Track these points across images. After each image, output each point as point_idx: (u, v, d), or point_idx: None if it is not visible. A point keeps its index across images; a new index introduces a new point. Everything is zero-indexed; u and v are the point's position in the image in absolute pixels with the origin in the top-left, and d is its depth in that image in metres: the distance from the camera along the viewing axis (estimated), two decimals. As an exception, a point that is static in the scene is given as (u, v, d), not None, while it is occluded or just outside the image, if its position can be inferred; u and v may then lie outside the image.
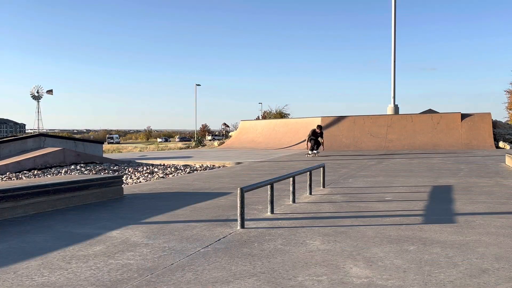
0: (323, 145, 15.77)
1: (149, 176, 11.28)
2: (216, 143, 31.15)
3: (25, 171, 12.82)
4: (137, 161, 15.57)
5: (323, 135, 15.92)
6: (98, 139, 64.11)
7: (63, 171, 12.67)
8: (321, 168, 7.07)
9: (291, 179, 5.64)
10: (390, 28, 23.69)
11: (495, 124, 20.73)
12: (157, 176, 11.36)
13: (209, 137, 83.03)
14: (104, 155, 19.01)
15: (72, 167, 13.43)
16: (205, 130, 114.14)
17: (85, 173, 12.27)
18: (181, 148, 31.53)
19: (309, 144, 15.47)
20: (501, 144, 18.77)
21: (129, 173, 12.07)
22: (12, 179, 11.67)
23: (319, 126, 15.99)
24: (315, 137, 15.69)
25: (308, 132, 16.21)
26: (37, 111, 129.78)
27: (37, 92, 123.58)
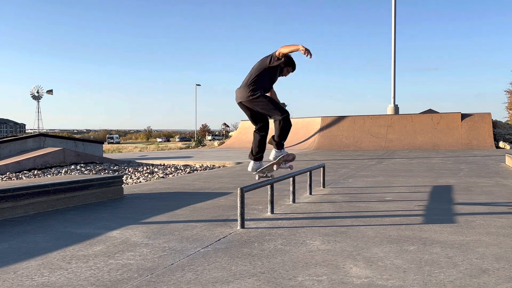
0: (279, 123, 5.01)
1: (149, 176, 11.28)
2: (216, 143, 31.16)
3: (25, 171, 12.82)
4: (137, 161, 15.56)
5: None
6: (98, 139, 64.14)
7: (63, 171, 12.67)
8: (321, 168, 7.07)
9: (291, 179, 5.64)
10: (391, 29, 23.70)
11: (495, 124, 20.73)
12: (157, 176, 11.36)
13: (209, 137, 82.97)
14: (104, 155, 19.01)
15: (72, 167, 13.43)
16: (205, 130, 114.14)
17: (85, 173, 12.26)
18: (181, 148, 31.53)
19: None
20: (501, 144, 18.77)
21: (129, 173, 12.07)
22: (12, 179, 11.67)
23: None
24: (268, 80, 5.03)
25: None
26: (37, 111, 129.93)
27: (37, 92, 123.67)
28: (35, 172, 12.66)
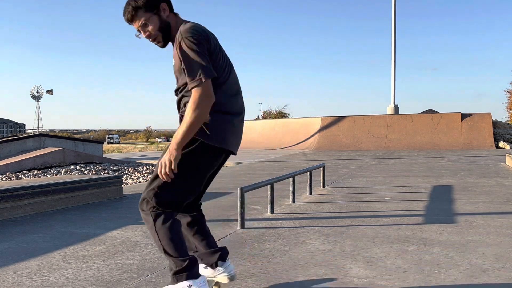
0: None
1: (149, 176, 11.27)
2: (216, 143, 31.05)
3: (25, 171, 12.81)
4: (137, 161, 15.56)
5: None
6: (98, 139, 64.13)
7: (63, 171, 12.66)
8: (321, 168, 7.07)
9: (291, 179, 5.63)
10: (391, 29, 23.72)
11: (495, 124, 20.74)
12: (157, 176, 11.35)
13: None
14: (104, 155, 19.01)
15: (72, 167, 13.43)
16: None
17: (85, 173, 12.26)
18: (181, 148, 31.45)
19: None
20: (501, 144, 18.77)
21: (129, 173, 12.07)
22: (12, 179, 11.66)
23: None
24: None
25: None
26: (37, 111, 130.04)
27: (37, 92, 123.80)
28: (35, 172, 12.65)
